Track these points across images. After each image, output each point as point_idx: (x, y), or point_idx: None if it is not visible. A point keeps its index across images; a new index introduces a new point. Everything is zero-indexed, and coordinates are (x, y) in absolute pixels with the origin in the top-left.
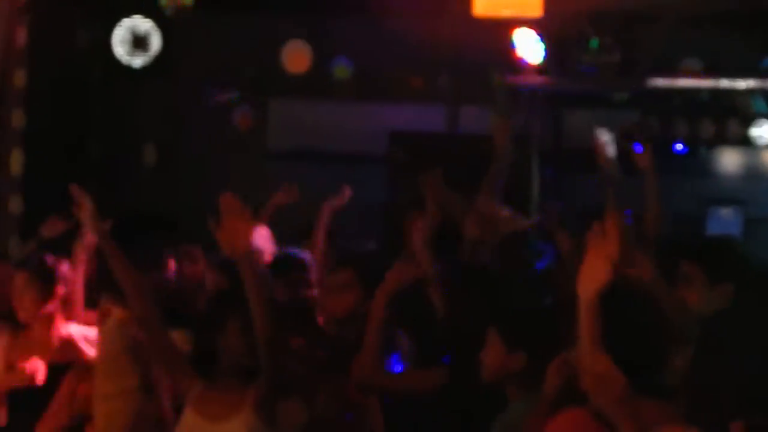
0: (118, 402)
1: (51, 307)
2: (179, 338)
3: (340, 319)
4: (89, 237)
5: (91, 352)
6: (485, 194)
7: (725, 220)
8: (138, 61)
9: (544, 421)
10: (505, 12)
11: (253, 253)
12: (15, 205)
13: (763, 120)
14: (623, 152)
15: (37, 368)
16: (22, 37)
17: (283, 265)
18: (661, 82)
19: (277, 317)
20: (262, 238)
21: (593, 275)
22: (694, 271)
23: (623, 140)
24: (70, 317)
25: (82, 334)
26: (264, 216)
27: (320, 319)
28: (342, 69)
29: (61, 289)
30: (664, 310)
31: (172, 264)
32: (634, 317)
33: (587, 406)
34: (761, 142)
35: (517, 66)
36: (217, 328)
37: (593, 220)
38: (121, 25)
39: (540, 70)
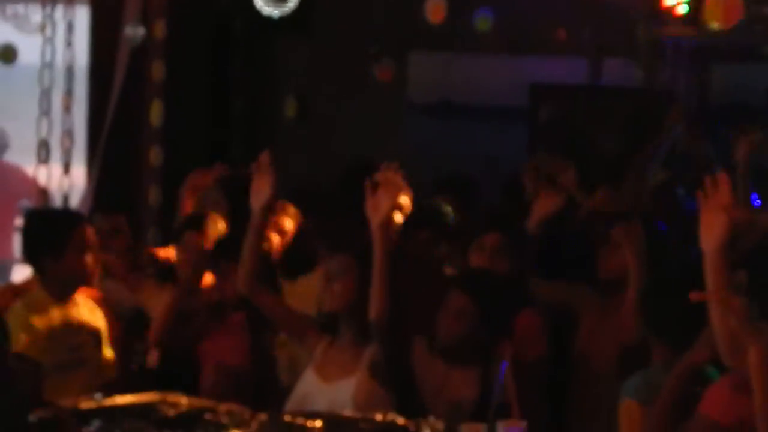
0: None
1: None
2: None
3: None
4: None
5: None
6: (645, 157)
7: None
8: (277, 12)
9: (690, 392)
10: None
11: (387, 230)
12: (155, 156)
13: None
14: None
15: None
16: None
17: (422, 217)
18: None
19: (398, 295)
20: None
21: (713, 229)
22: None
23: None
24: None
25: None
26: None
27: None
28: (483, 21)
29: None
30: None
31: None
32: None
33: (729, 376)
34: None
35: (663, 17)
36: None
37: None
38: None
39: (686, 21)
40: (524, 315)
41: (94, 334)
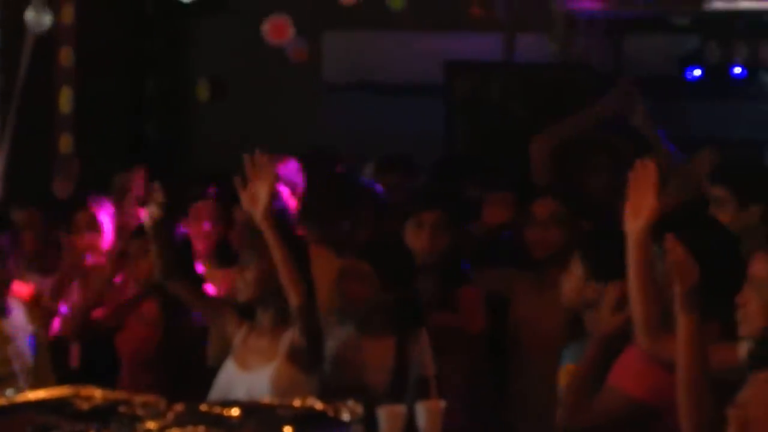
0: None
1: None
2: None
3: (427, 265)
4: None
5: None
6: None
7: None
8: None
9: (602, 362)
10: None
11: (271, 217)
12: (65, 144)
13: None
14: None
15: None
16: None
17: (350, 198)
18: (721, 4)
19: (306, 278)
20: (292, 172)
21: (639, 211)
22: (725, 193)
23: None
24: None
25: None
26: None
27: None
28: None
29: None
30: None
31: None
32: (709, 243)
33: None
34: None
35: None
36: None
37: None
38: None
39: None
40: (466, 290)
41: (29, 341)
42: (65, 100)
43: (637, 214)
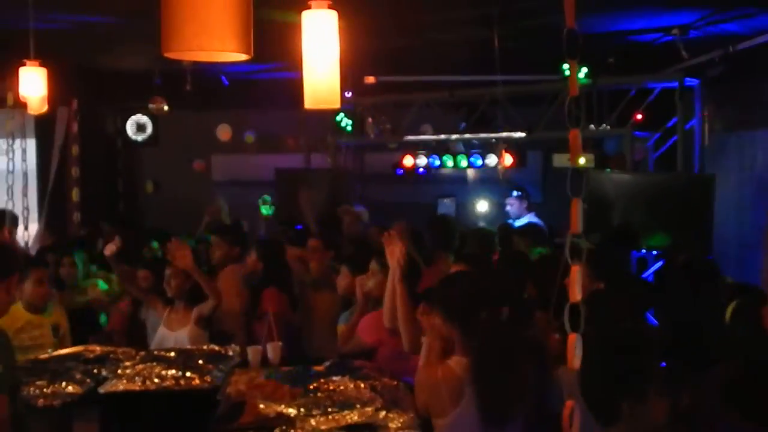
0: None
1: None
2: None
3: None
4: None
5: None
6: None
7: (446, 205)
8: (140, 138)
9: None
10: (322, 106)
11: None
12: (76, 218)
13: (464, 155)
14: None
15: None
16: (75, 126)
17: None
18: (411, 137)
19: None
20: None
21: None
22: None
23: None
24: None
25: None
26: None
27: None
28: (249, 137)
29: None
30: None
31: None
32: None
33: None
34: (476, 165)
35: (339, 130)
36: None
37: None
38: (131, 118)
39: (352, 132)
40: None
41: (52, 328)
42: (75, 194)
43: (393, 261)
